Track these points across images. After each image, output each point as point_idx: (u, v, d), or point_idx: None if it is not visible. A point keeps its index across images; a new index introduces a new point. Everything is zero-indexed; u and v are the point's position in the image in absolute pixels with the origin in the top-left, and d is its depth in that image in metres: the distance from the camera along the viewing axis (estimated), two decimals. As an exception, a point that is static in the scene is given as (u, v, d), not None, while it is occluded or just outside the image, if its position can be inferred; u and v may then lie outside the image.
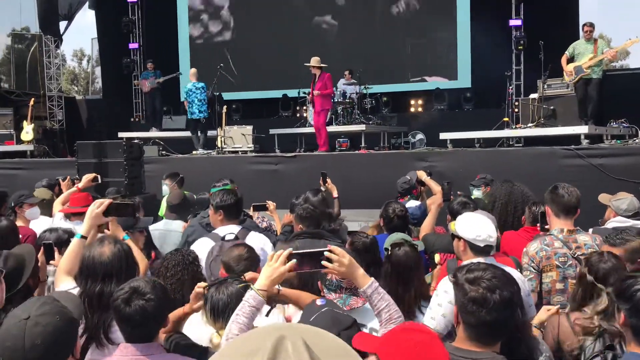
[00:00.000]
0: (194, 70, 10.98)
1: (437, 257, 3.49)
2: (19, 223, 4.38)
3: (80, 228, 2.92)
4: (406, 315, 2.64)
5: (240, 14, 13.91)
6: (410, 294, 2.83)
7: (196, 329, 2.56)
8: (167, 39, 14.46)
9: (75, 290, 2.54)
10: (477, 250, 2.75)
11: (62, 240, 3.40)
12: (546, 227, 3.45)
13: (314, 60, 9.49)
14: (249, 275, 2.63)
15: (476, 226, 2.77)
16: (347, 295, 2.47)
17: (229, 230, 3.59)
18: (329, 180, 5.36)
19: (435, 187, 4.86)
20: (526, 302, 2.83)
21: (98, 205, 2.90)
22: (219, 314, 2.35)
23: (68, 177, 5.78)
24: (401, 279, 2.84)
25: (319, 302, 1.98)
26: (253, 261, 2.79)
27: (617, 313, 1.99)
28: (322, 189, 5.33)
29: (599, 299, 2.39)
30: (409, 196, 5.18)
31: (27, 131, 11.77)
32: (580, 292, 2.54)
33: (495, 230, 2.80)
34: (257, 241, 3.56)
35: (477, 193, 5.69)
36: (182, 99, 10.94)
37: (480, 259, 2.38)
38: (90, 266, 2.52)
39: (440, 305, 2.64)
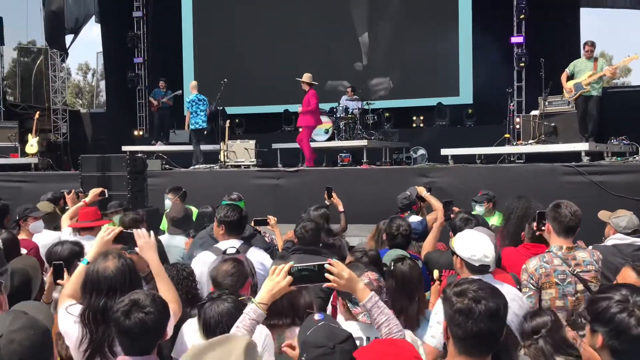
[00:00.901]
0: (194, 82, 11.12)
1: (435, 273, 3.50)
2: (22, 236, 4.42)
3: (88, 253, 2.91)
4: (410, 327, 2.70)
5: (245, 30, 14.05)
6: (414, 307, 2.88)
7: (192, 337, 2.60)
8: (171, 53, 14.60)
9: (76, 307, 2.56)
10: (472, 269, 2.78)
11: (75, 252, 3.44)
12: (543, 228, 3.46)
13: (306, 77, 9.60)
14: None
15: (472, 245, 2.80)
16: None
17: (230, 245, 3.63)
18: (334, 194, 5.40)
19: (436, 204, 4.88)
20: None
21: (108, 233, 2.85)
22: (211, 332, 2.39)
23: (72, 190, 5.83)
24: (406, 292, 2.88)
25: (317, 316, 2.02)
26: (241, 276, 2.81)
27: (591, 336, 1.93)
28: (327, 203, 5.38)
29: None
30: (409, 212, 5.21)
31: (32, 144, 11.87)
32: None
33: (493, 250, 2.82)
34: (256, 256, 3.61)
35: (479, 209, 5.71)
36: (185, 111, 11.00)
37: (477, 277, 2.41)
38: (94, 280, 2.52)
39: (440, 323, 2.65)
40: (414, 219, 4.85)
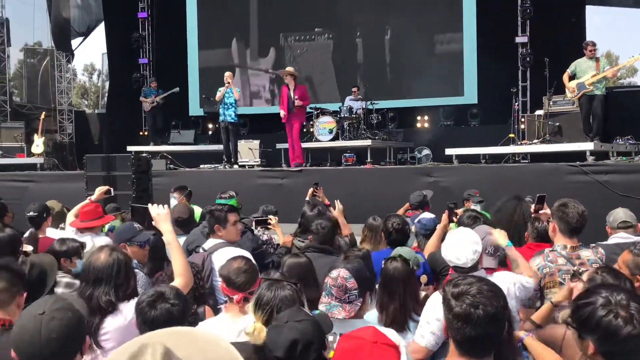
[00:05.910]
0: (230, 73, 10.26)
1: (424, 278, 3.50)
2: (42, 235, 4.59)
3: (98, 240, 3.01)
4: (394, 327, 2.68)
5: (248, 29, 14.08)
6: (395, 306, 2.86)
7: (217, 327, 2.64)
8: (176, 53, 14.63)
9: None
10: (453, 268, 2.91)
11: (74, 248, 3.51)
12: (541, 211, 3.55)
13: (290, 69, 9.48)
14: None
15: (448, 247, 2.93)
16: (334, 304, 2.54)
17: (208, 244, 3.80)
18: (320, 190, 5.51)
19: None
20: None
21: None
22: (260, 307, 2.39)
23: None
24: (386, 289, 2.91)
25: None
26: (253, 272, 2.80)
27: (580, 344, 1.86)
28: (320, 199, 5.42)
29: None
30: (420, 210, 5.27)
31: (38, 144, 11.95)
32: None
33: (470, 251, 2.85)
34: (227, 255, 3.57)
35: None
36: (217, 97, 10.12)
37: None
38: (85, 269, 2.69)
39: (429, 322, 2.66)
40: (427, 215, 4.85)
